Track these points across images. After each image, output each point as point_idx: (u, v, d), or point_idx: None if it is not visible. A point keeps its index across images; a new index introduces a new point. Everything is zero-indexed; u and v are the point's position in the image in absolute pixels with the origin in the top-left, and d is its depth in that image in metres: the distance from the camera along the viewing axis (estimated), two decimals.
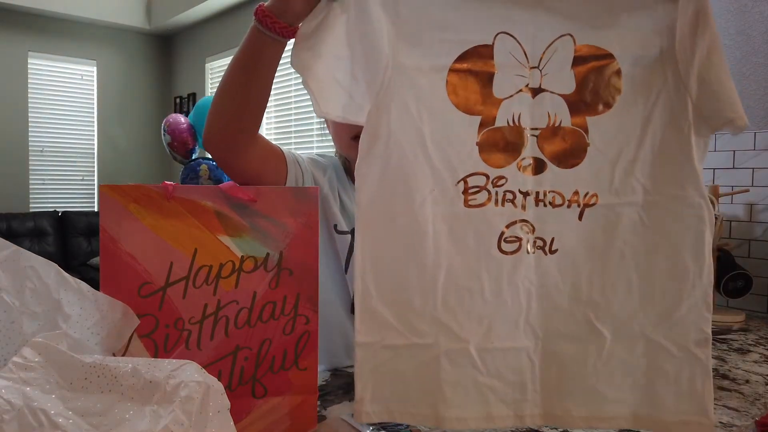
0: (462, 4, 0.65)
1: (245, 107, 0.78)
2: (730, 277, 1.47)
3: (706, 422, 0.65)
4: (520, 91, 0.67)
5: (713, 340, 0.62)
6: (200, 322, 0.66)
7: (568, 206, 0.67)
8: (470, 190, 0.66)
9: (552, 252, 0.67)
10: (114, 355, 0.61)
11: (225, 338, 0.66)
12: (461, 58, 0.66)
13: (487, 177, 0.66)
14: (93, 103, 5.49)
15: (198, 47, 5.28)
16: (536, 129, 0.67)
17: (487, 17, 0.66)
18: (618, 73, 0.67)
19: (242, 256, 0.67)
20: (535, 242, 0.67)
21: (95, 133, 5.49)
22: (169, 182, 0.65)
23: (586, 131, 0.67)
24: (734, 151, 1.61)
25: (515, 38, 0.66)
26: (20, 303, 0.57)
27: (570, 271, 0.67)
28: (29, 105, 5.13)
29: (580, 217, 0.67)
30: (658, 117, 0.66)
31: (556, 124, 0.67)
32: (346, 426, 0.74)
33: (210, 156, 3.97)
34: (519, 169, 0.67)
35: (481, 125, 0.67)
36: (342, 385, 0.88)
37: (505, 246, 0.66)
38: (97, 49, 5.45)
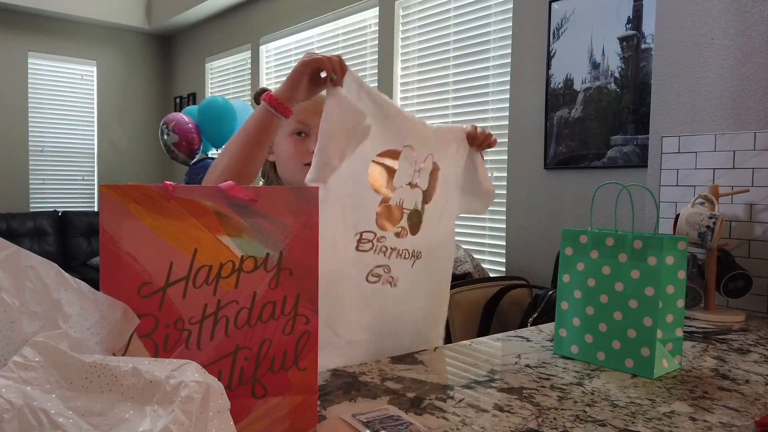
0: (383, 122, 1.05)
1: (253, 166, 1.04)
2: (730, 277, 1.47)
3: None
4: (408, 184, 1.11)
5: (713, 340, 0.63)
6: (200, 322, 0.66)
7: (408, 258, 1.14)
8: (361, 241, 1.07)
9: (395, 285, 1.13)
10: (114, 355, 0.61)
11: (225, 338, 0.66)
12: (380, 155, 1.07)
13: (375, 234, 1.08)
14: (93, 103, 5.49)
15: (198, 47, 5.28)
16: (407, 209, 1.12)
17: (398, 133, 1.08)
18: (437, 177, 1.16)
19: (242, 256, 0.67)
20: (389, 279, 1.12)
21: (95, 133, 5.50)
22: (169, 182, 0.65)
23: (423, 212, 1.15)
24: (734, 151, 1.61)
25: (413, 149, 1.10)
26: (20, 303, 0.57)
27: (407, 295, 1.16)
28: (29, 105, 5.14)
29: (412, 266, 1.15)
30: (448, 207, 1.21)
31: (417, 208, 1.13)
32: (346, 426, 0.74)
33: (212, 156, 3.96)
34: (394, 234, 1.10)
35: (382, 201, 1.08)
36: (342, 385, 0.88)
37: (371, 278, 1.10)
38: (97, 49, 5.46)
